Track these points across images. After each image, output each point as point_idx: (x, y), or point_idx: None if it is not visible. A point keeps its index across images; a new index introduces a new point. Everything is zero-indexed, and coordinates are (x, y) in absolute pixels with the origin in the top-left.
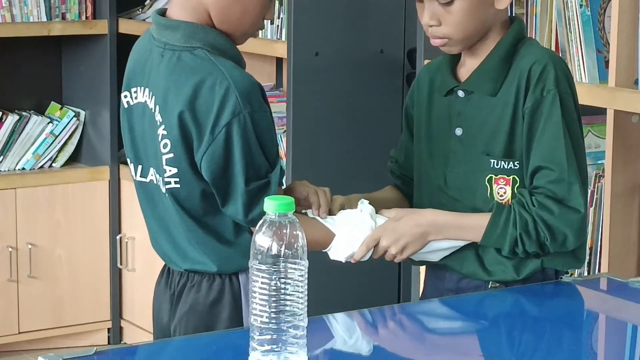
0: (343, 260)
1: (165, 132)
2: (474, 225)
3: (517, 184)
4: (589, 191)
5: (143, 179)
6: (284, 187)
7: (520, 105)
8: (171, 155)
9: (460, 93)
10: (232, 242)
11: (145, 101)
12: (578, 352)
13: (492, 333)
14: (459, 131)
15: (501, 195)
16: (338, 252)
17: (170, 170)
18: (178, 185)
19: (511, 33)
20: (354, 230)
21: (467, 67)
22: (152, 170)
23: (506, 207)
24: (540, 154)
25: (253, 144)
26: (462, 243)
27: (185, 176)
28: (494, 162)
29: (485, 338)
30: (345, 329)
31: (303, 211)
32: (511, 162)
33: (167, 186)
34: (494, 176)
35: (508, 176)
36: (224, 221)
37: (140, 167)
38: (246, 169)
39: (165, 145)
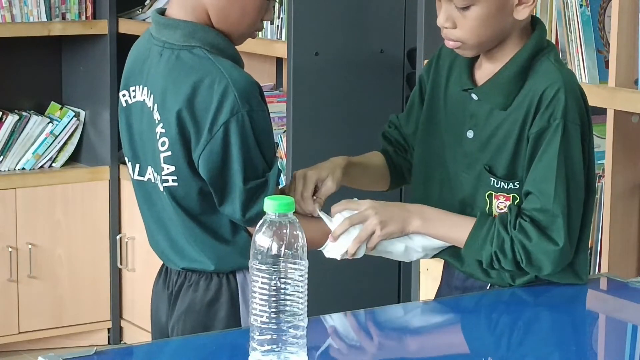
0: (339, 258)
1: (163, 130)
2: (460, 225)
3: (517, 201)
4: (596, 195)
5: (141, 178)
6: (281, 186)
7: (527, 127)
8: (169, 153)
9: (474, 96)
10: (230, 241)
11: (144, 100)
12: (578, 352)
13: (491, 333)
14: (470, 134)
15: (501, 209)
16: (334, 250)
17: (167, 169)
18: (175, 184)
19: (529, 46)
20: (350, 229)
21: (484, 70)
22: (150, 169)
23: (489, 219)
24: (532, 180)
25: (251, 143)
26: (439, 244)
27: (182, 174)
28: (494, 181)
29: (484, 338)
30: (344, 329)
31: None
32: (511, 183)
33: (165, 184)
34: (494, 193)
35: (508, 194)
36: (221, 220)
37: (137, 165)
38: (244, 168)
39: (163, 144)
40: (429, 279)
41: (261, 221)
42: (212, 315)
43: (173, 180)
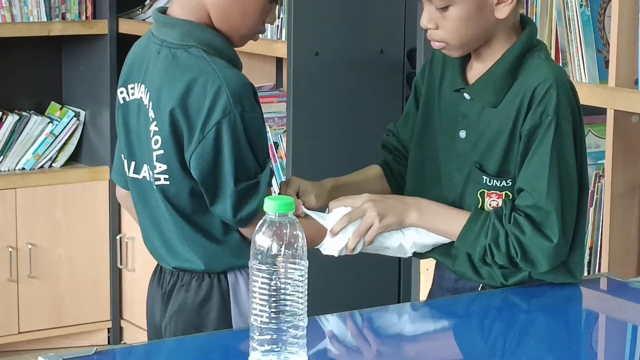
0: (336, 255)
1: (156, 129)
2: (457, 218)
3: (510, 197)
4: (589, 191)
5: (136, 176)
6: (279, 187)
7: (519, 125)
8: (161, 151)
9: (466, 95)
10: (221, 241)
11: (141, 97)
12: (578, 352)
13: (490, 334)
14: (462, 134)
15: (494, 207)
16: (331, 246)
17: (160, 167)
18: (167, 182)
19: (519, 43)
20: (347, 225)
21: (475, 70)
22: (145, 167)
23: (483, 213)
24: (525, 177)
25: (243, 144)
26: (430, 242)
27: (174, 173)
28: (486, 179)
29: (483, 339)
30: (339, 331)
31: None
32: (504, 181)
33: (157, 182)
34: (486, 191)
35: (500, 192)
36: (213, 219)
37: (133, 163)
38: (235, 168)
39: (156, 142)
40: (429, 278)
41: (261, 221)
42: (203, 316)
43: (165, 179)
